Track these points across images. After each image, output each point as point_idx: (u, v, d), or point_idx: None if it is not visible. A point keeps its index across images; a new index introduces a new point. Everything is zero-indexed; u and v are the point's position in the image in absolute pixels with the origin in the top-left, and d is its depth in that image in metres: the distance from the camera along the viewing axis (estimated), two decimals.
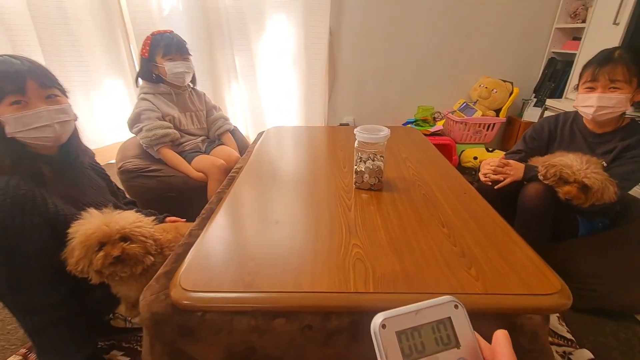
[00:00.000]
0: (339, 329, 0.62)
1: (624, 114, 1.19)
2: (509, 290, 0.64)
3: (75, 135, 0.97)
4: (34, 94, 0.83)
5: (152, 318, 0.64)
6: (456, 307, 0.28)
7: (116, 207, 0.99)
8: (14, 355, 0.99)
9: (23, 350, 1.01)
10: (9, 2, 1.99)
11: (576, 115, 1.30)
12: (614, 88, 1.11)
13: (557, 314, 1.12)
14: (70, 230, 0.82)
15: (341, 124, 2.61)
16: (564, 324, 1.09)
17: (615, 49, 1.14)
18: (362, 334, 0.63)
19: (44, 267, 0.81)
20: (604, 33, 1.85)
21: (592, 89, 1.16)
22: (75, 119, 0.94)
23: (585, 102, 1.17)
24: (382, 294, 0.63)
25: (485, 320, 0.61)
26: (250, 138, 2.05)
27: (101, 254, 0.82)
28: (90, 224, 0.82)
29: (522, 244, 0.78)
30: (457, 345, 0.26)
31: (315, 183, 1.12)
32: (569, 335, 1.05)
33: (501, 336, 0.27)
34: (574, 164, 1.09)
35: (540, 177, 1.14)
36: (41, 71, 0.86)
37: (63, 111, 0.88)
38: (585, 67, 1.20)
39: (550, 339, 1.03)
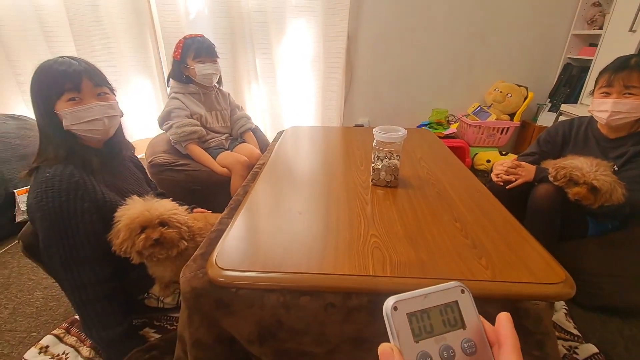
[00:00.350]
0: (358, 307, 0.69)
1: (638, 119, 1.23)
2: (517, 279, 0.69)
3: (119, 130, 1.07)
4: (88, 91, 0.93)
5: (192, 292, 0.72)
6: (462, 291, 0.29)
7: (152, 196, 1.08)
8: (57, 329, 1.09)
9: (65, 324, 1.11)
10: (48, 3, 2.14)
11: (591, 120, 1.34)
12: (629, 94, 1.15)
13: (565, 310, 1.16)
14: (116, 215, 0.91)
15: (356, 125, 2.67)
16: (571, 320, 1.13)
17: (631, 56, 1.18)
18: (379, 312, 0.70)
19: (92, 247, 0.90)
20: (620, 40, 1.87)
21: (607, 94, 1.19)
22: (121, 115, 1.03)
23: (600, 107, 1.21)
24: (398, 278, 0.70)
25: (493, 304, 0.68)
26: (268, 137, 2.14)
27: (142, 236, 0.91)
28: (134, 209, 0.91)
29: (530, 238, 0.83)
30: (463, 326, 0.28)
31: (334, 179, 1.19)
32: (575, 331, 1.09)
33: (504, 319, 0.28)
34: (584, 166, 1.12)
35: (551, 179, 1.18)
36: (94, 71, 0.95)
37: (111, 107, 0.98)
38: (601, 73, 1.24)
39: (557, 333, 1.07)
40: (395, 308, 0.27)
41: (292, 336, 0.73)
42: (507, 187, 1.28)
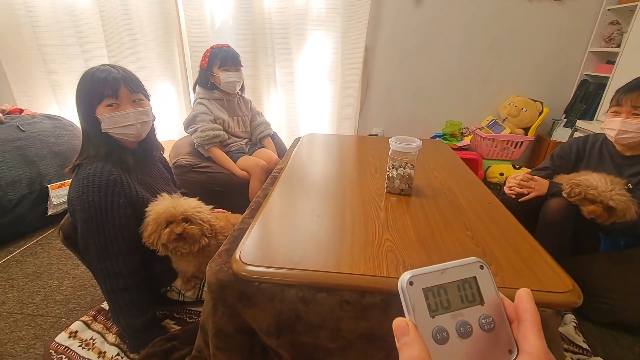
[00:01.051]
0: (372, 305, 0.73)
1: None
2: (525, 286, 0.72)
3: (152, 132, 1.15)
4: (125, 98, 1.01)
5: (218, 283, 0.78)
6: (481, 267, 0.28)
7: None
8: (85, 316, 1.16)
9: (92, 312, 1.18)
10: (85, 11, 2.28)
11: (605, 137, 1.36)
12: (637, 115, 1.17)
13: (574, 324, 1.16)
14: (146, 209, 0.98)
15: (370, 134, 2.73)
16: (580, 334, 1.14)
17: None
18: (392, 311, 0.74)
19: (125, 239, 0.97)
20: (637, 59, 1.88)
21: (617, 114, 1.22)
22: (154, 119, 1.11)
23: (609, 125, 1.24)
24: None
25: None
26: (285, 143, 2.21)
27: (167, 230, 0.97)
28: (162, 205, 0.98)
29: (540, 249, 0.86)
30: (482, 302, 0.27)
31: (350, 185, 1.24)
32: (584, 345, 1.10)
33: (524, 294, 0.27)
34: (599, 185, 1.13)
35: (564, 194, 1.20)
36: (131, 78, 1.04)
37: (145, 113, 1.06)
38: (616, 92, 1.27)
39: (565, 346, 1.09)
40: (410, 283, 0.27)
41: (309, 330, 0.77)
42: (519, 200, 1.31)
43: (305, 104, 2.55)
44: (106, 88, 0.98)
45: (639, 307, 1.16)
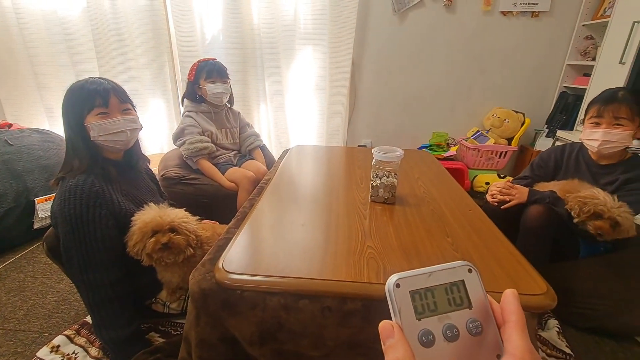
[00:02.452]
0: (353, 311, 0.74)
1: (627, 148, 1.29)
2: (500, 289, 0.73)
3: (137, 143, 1.16)
4: (115, 107, 1.04)
5: (200, 293, 0.78)
6: (470, 271, 0.28)
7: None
8: (68, 330, 1.15)
9: (76, 326, 1.16)
10: (76, 26, 2.31)
11: (582, 147, 1.40)
12: (618, 125, 1.22)
13: (557, 329, 1.18)
14: (133, 218, 0.99)
15: (359, 146, 2.77)
16: (563, 339, 1.15)
17: (618, 89, 1.26)
18: (372, 317, 0.75)
19: (107, 251, 0.97)
20: (610, 71, 1.97)
21: (597, 125, 1.26)
22: (141, 128, 1.13)
23: (591, 136, 1.27)
24: None
25: None
26: (274, 155, 2.23)
27: (152, 239, 0.98)
28: (148, 214, 0.99)
29: (517, 254, 0.89)
30: (470, 306, 0.27)
31: (335, 195, 1.26)
32: (567, 350, 1.11)
33: (509, 294, 0.27)
34: (607, 200, 1.13)
35: (575, 215, 1.17)
36: (120, 90, 1.07)
37: (133, 121, 1.09)
38: (590, 104, 1.32)
39: (548, 351, 1.10)
40: (397, 285, 0.27)
41: (291, 338, 0.78)
42: (501, 207, 1.34)
43: (294, 116, 2.60)
44: (97, 98, 1.01)
45: (620, 312, 1.18)
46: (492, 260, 0.84)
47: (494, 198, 1.37)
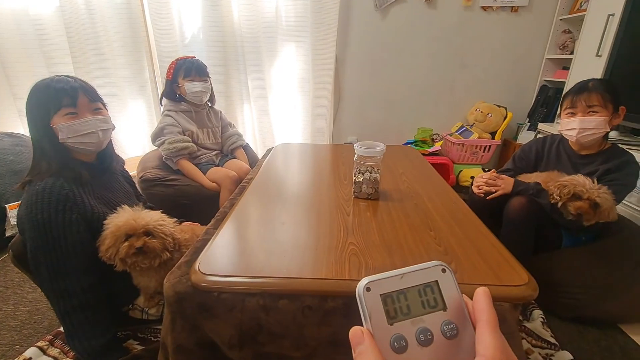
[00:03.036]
0: (334, 309, 0.72)
1: (606, 138, 1.31)
2: (482, 281, 0.74)
3: (110, 144, 1.11)
4: (84, 106, 0.99)
5: (175, 296, 0.75)
6: (444, 271, 0.27)
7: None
8: (41, 341, 1.09)
9: (49, 337, 1.11)
10: (47, 24, 2.23)
11: (562, 138, 1.42)
12: (592, 112, 1.24)
13: (542, 319, 1.19)
14: (105, 222, 0.95)
15: (345, 143, 2.76)
16: (548, 329, 1.16)
17: (588, 80, 1.29)
18: (354, 315, 0.73)
19: (78, 256, 0.93)
20: (588, 64, 2.00)
21: (573, 115, 1.29)
22: (113, 128, 1.09)
23: (568, 125, 1.29)
24: None
25: None
26: (259, 154, 2.20)
27: (126, 243, 0.94)
28: (121, 217, 0.95)
29: (499, 245, 0.88)
30: (444, 308, 0.26)
31: (318, 192, 1.24)
32: (552, 340, 1.12)
33: (480, 293, 0.27)
34: (586, 182, 1.15)
35: (557, 198, 1.18)
36: (89, 88, 1.02)
37: (105, 121, 1.04)
38: (564, 96, 1.35)
39: (534, 341, 1.10)
40: (368, 289, 0.26)
41: (272, 339, 0.75)
42: (487, 198, 1.34)
43: (278, 114, 2.56)
44: (64, 97, 0.95)
45: (602, 301, 1.20)
46: (475, 253, 0.83)
47: (479, 189, 1.37)
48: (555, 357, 1.05)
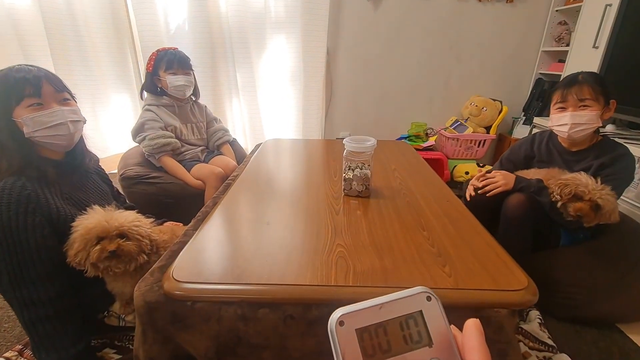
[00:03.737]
0: (318, 318, 0.66)
1: (597, 132, 1.26)
2: (478, 286, 0.68)
3: (81, 139, 1.04)
4: (50, 96, 0.91)
5: (145, 306, 0.68)
6: (429, 298, 0.24)
7: (118, 209, 1.04)
8: (9, 351, 1.02)
9: (19, 347, 1.03)
10: (24, 15, 2.11)
11: (551, 134, 1.36)
12: (584, 106, 1.19)
13: (539, 320, 1.15)
14: (73, 224, 0.87)
15: (338, 138, 2.69)
16: (545, 330, 1.12)
17: (578, 73, 1.23)
18: None
19: (43, 262, 0.85)
20: (585, 56, 1.96)
21: (563, 109, 1.23)
22: (84, 121, 1.01)
23: (559, 121, 1.24)
24: (360, 287, 0.68)
25: (454, 313, 0.66)
26: (250, 150, 2.13)
27: (97, 247, 0.86)
28: (92, 218, 0.88)
29: (495, 245, 0.83)
30: (430, 343, 0.23)
31: (307, 190, 1.18)
32: (549, 342, 1.07)
33: (471, 326, 0.24)
34: (589, 182, 1.09)
35: (557, 197, 1.13)
36: (54, 77, 0.94)
37: (74, 112, 0.96)
38: (553, 90, 1.29)
39: (531, 344, 1.06)
40: (341, 323, 0.23)
41: (251, 351, 0.69)
42: (487, 195, 1.26)
43: (269, 109, 2.49)
44: (26, 87, 0.87)
45: (600, 301, 1.16)
46: (470, 255, 0.78)
47: (474, 190, 1.30)
48: (554, 359, 1.01)
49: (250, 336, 0.68)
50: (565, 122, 1.21)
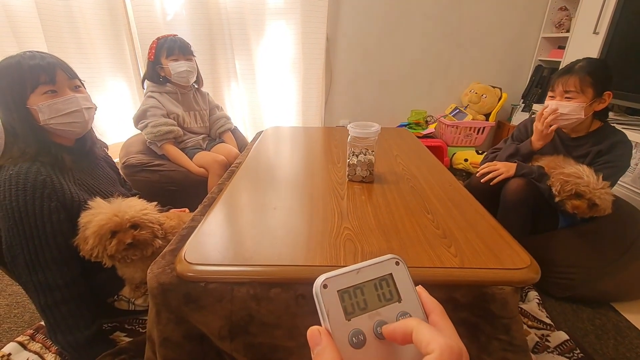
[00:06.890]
0: None
1: (601, 118, 1.28)
2: (483, 265, 0.71)
3: (91, 128, 1.04)
4: (63, 84, 0.91)
5: (159, 287, 0.70)
6: (397, 263, 0.28)
7: (125, 197, 1.05)
8: (21, 336, 1.04)
9: (30, 331, 1.06)
10: (18, 2, 2.07)
11: None
12: (568, 98, 1.21)
13: (538, 300, 1.18)
14: (81, 221, 0.88)
15: (338, 127, 2.69)
16: (543, 310, 1.16)
17: (578, 61, 1.24)
18: None
19: (59, 247, 0.87)
20: (585, 42, 1.96)
21: (553, 97, 1.26)
22: (96, 108, 1.01)
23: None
24: None
25: (461, 290, 0.69)
26: (249, 138, 2.12)
27: (115, 241, 0.87)
28: (103, 214, 0.88)
29: (499, 227, 0.85)
30: (399, 299, 0.27)
31: (311, 176, 1.19)
32: (548, 320, 1.11)
33: (420, 289, 0.29)
34: (590, 180, 1.10)
35: (555, 193, 1.16)
36: (65, 64, 0.93)
37: (87, 99, 0.97)
38: (552, 77, 1.31)
39: (530, 322, 1.10)
40: (324, 286, 0.26)
41: (264, 330, 0.72)
42: (491, 184, 1.30)
43: (268, 96, 2.48)
44: (41, 74, 0.86)
45: (595, 280, 1.20)
46: (474, 236, 0.80)
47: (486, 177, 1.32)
48: (551, 337, 1.05)
49: (263, 315, 0.70)
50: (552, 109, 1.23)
